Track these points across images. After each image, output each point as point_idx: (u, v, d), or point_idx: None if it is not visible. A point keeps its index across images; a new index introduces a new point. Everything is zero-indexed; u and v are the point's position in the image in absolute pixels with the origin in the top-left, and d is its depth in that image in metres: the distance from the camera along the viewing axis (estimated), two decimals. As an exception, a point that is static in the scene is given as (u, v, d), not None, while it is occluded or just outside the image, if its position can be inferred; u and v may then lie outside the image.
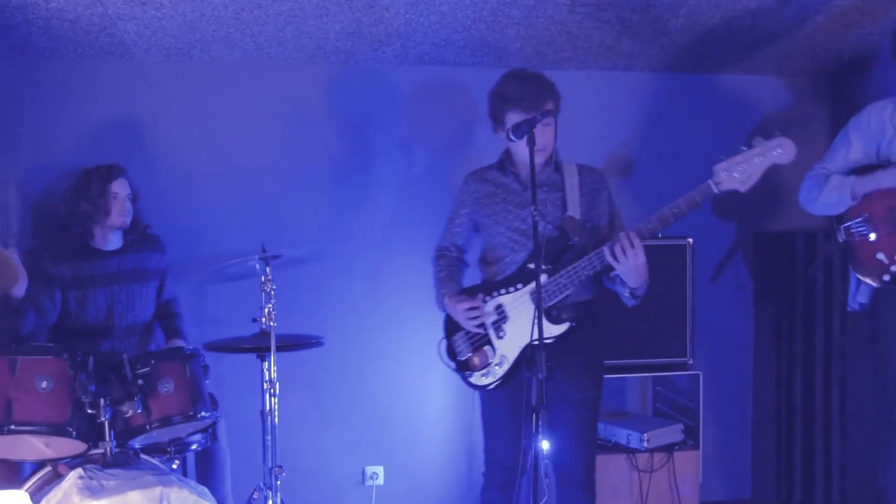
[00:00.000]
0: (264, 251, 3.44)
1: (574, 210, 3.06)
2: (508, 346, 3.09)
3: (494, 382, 3.12)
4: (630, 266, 2.88)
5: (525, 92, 3.00)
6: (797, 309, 4.25)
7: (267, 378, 3.47)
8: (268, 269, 3.46)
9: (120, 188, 3.67)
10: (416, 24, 3.76)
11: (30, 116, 4.01)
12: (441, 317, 3.28)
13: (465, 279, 3.35)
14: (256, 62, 4.16)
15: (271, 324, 3.42)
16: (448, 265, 3.35)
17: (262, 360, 3.52)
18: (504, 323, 3.10)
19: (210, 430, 3.33)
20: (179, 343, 3.74)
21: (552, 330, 3.00)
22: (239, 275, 3.58)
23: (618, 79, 4.45)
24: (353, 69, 4.25)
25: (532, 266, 3.02)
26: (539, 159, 3.03)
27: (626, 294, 3.04)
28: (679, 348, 4.11)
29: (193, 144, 4.15)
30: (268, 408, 3.49)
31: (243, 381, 3.91)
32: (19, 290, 3.31)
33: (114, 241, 3.72)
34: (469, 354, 3.18)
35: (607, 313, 3.22)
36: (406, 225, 4.24)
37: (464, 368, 3.21)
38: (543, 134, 2.98)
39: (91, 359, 2.90)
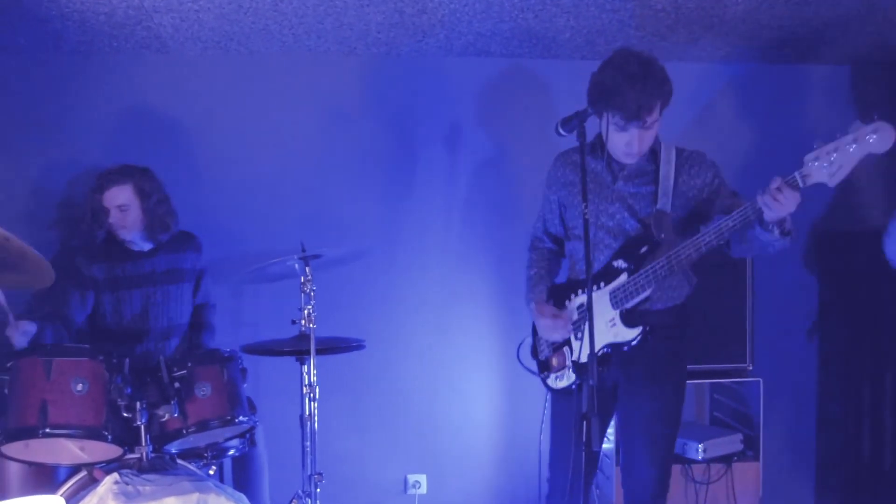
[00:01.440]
0: (304, 251, 3.45)
1: (665, 202, 2.95)
2: (584, 349, 3.04)
3: (569, 385, 3.07)
4: (790, 209, 2.63)
5: (638, 97, 2.81)
6: (864, 314, 4.16)
7: (306, 382, 3.47)
8: (307, 269, 3.47)
9: (110, 201, 3.64)
10: (461, 13, 3.75)
11: (64, 112, 4.08)
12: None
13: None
14: (295, 55, 4.18)
15: (311, 326, 3.43)
16: (539, 260, 3.29)
17: (302, 363, 3.53)
18: (584, 324, 3.01)
19: (248, 435, 3.36)
20: (206, 336, 3.78)
21: (626, 334, 2.93)
22: (278, 275, 3.60)
23: (672, 69, 4.36)
24: (395, 61, 4.25)
25: (617, 264, 2.97)
26: (629, 160, 2.99)
27: (777, 234, 2.73)
28: (738, 353, 4.05)
29: (231, 140, 4.19)
30: (307, 412, 3.49)
31: (282, 384, 3.94)
32: (20, 341, 3.24)
33: (143, 244, 3.75)
34: (549, 354, 3.17)
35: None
36: (451, 223, 4.24)
37: (543, 369, 3.20)
38: (641, 139, 2.89)
39: (127, 361, 2.94)
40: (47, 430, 2.78)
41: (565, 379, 3.09)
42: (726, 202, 2.97)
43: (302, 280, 3.47)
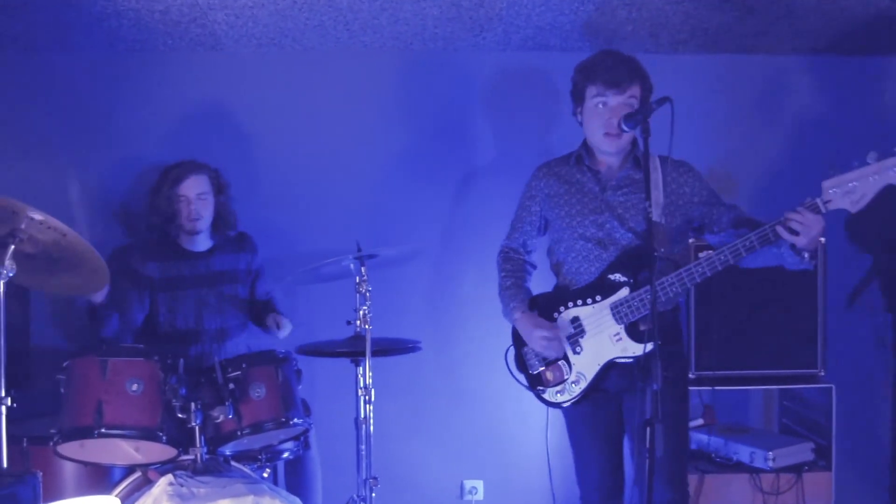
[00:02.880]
0: (359, 250, 3.48)
1: (657, 212, 2.99)
2: (586, 364, 3.08)
3: (571, 400, 3.12)
4: (813, 235, 2.76)
5: (613, 67, 3.01)
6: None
7: (361, 384, 3.50)
8: (363, 269, 3.49)
9: (189, 189, 3.72)
10: (520, 6, 3.75)
11: (119, 110, 4.17)
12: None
13: (534, 283, 3.36)
14: (350, 51, 4.22)
15: (366, 327, 3.45)
16: (515, 270, 3.33)
17: (357, 365, 3.56)
18: (581, 338, 3.08)
19: (302, 437, 3.40)
20: (277, 317, 3.83)
21: (634, 349, 2.98)
22: (333, 275, 3.63)
23: (741, 62, 4.35)
24: (453, 57, 4.28)
25: (614, 277, 3.02)
26: (609, 147, 3.03)
27: (806, 259, 2.87)
28: (809, 358, 3.99)
29: (285, 138, 4.25)
30: (362, 415, 3.52)
31: (337, 386, 3.97)
32: (100, 294, 3.43)
33: (202, 242, 3.83)
34: (541, 369, 3.18)
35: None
36: (508, 222, 4.22)
37: (535, 384, 3.21)
38: (620, 111, 2.96)
39: (182, 361, 3.00)
40: (102, 431, 2.85)
41: (567, 393, 3.12)
42: (726, 214, 3.06)
43: (357, 280, 3.49)
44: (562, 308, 3.12)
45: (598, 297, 3.05)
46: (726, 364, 3.94)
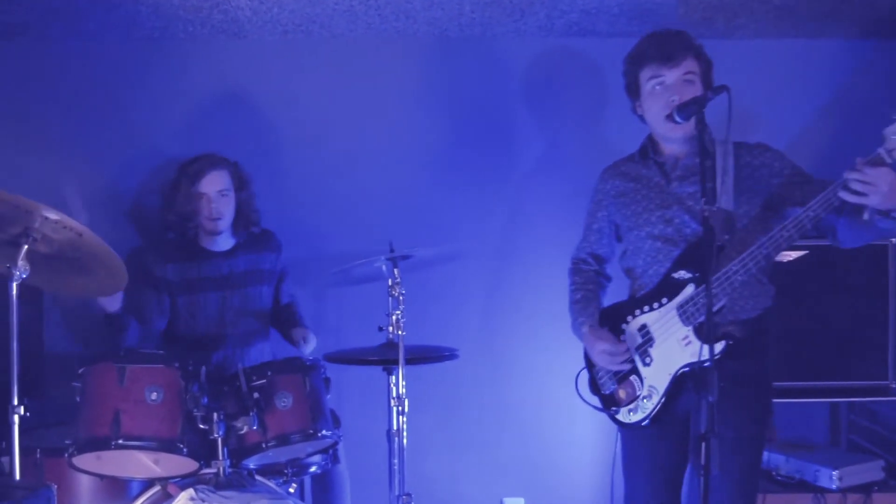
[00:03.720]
0: (392, 251, 3.47)
1: (727, 200, 2.90)
2: (657, 375, 2.98)
3: (645, 419, 3.01)
4: (885, 191, 2.58)
5: (661, 43, 2.96)
6: None
7: (394, 394, 3.48)
8: (396, 270, 3.48)
9: (209, 186, 3.73)
10: (564, -12, 3.74)
11: (135, 101, 4.18)
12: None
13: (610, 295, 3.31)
14: (382, 37, 4.21)
15: (399, 333, 3.43)
16: (585, 283, 3.28)
17: (389, 373, 3.54)
18: (650, 346, 3.00)
19: (331, 450, 3.38)
20: (304, 329, 3.82)
21: (706, 352, 2.90)
22: (364, 277, 3.63)
23: (804, 47, 4.29)
24: (491, 44, 4.25)
25: (678, 275, 2.93)
26: (673, 132, 2.95)
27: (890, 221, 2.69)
28: (878, 369, 3.93)
29: (312, 130, 4.24)
30: (395, 427, 3.51)
31: (368, 396, 3.96)
32: (113, 303, 3.44)
33: (224, 241, 3.84)
34: (614, 388, 3.11)
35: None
36: (555, 221, 4.20)
37: (610, 404, 3.13)
38: (682, 92, 2.90)
39: (203, 369, 3.00)
40: (120, 442, 2.85)
41: (640, 412, 3.03)
42: (801, 192, 2.90)
43: (390, 283, 3.48)
44: (629, 317, 3.06)
45: (664, 300, 2.97)
46: (788, 374, 3.88)
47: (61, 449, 2.94)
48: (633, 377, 3.04)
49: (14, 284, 2.74)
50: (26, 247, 2.78)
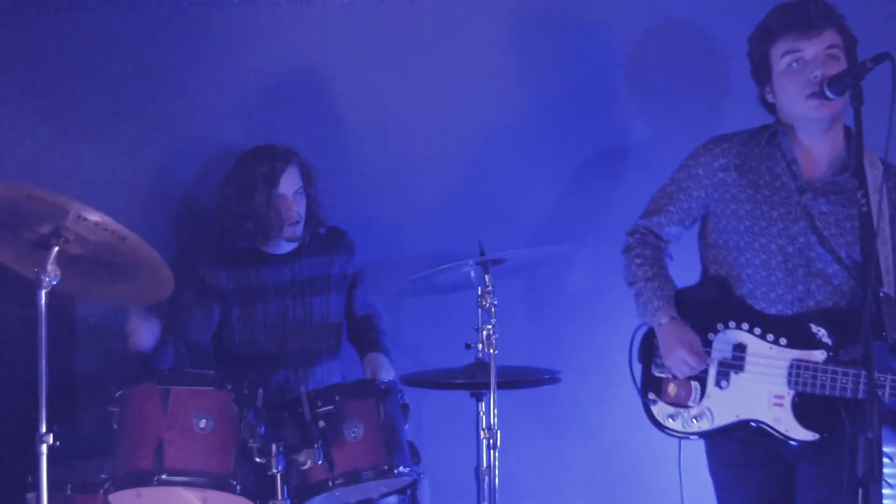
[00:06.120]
0: (482, 254, 3.43)
1: (884, 247, 2.80)
2: (722, 405, 3.00)
3: (681, 434, 3.07)
4: None
5: (798, 11, 2.91)
6: None
7: (484, 424, 3.46)
8: (487, 277, 3.44)
9: (287, 186, 3.74)
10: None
11: (183, 77, 4.20)
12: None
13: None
14: (469, 6, 4.19)
15: (491, 352, 3.39)
16: (656, 259, 3.25)
17: (478, 399, 3.53)
18: (735, 372, 2.99)
19: (409, 490, 3.37)
20: (380, 357, 3.81)
21: (793, 430, 2.87)
22: (448, 285, 3.61)
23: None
24: (592, 5, 4.21)
25: (817, 331, 2.89)
26: (818, 112, 2.88)
27: None
28: None
29: (387, 112, 4.23)
30: (484, 464, 3.47)
31: (452, 427, 3.96)
32: (147, 340, 3.47)
33: (285, 242, 3.84)
34: (667, 375, 3.11)
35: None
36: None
37: (650, 388, 3.15)
38: (822, 65, 2.84)
39: (261, 392, 3.00)
40: (163, 477, 2.87)
41: (681, 423, 3.05)
42: None
43: (479, 292, 3.45)
44: (732, 322, 3.03)
45: (782, 340, 2.94)
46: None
47: (96, 484, 2.98)
48: (694, 383, 3.05)
49: (43, 293, 2.73)
50: (57, 248, 2.77)
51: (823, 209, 2.94)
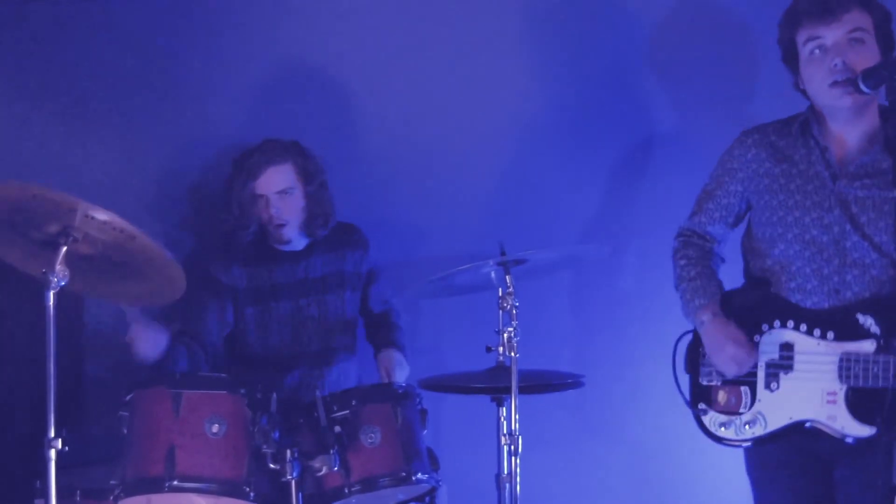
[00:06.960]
0: (503, 254, 3.43)
1: None
2: (774, 408, 2.99)
3: (735, 441, 3.07)
4: None
5: None
6: None
7: (505, 430, 3.46)
8: (508, 278, 3.44)
9: (267, 186, 3.74)
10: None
11: (193, 71, 4.22)
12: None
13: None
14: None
15: (512, 355, 3.39)
16: (701, 259, 3.27)
17: (499, 404, 3.53)
18: (784, 373, 3.00)
19: (427, 498, 3.39)
20: (393, 353, 3.84)
21: (850, 427, 2.86)
22: (468, 286, 3.62)
23: None
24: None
25: (864, 321, 2.89)
26: (839, 101, 2.89)
27: None
28: None
29: (403, 102, 4.24)
30: (505, 471, 3.48)
31: (472, 432, 3.94)
32: (153, 351, 3.50)
33: (296, 240, 3.88)
34: (715, 383, 3.12)
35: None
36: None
37: (700, 399, 3.16)
38: (844, 50, 2.85)
39: (274, 396, 3.02)
40: (174, 484, 2.90)
41: (734, 431, 3.05)
42: None
43: (500, 293, 3.45)
44: (777, 322, 3.04)
45: (830, 334, 2.94)
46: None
47: (105, 490, 3.00)
48: (744, 388, 3.06)
49: (51, 294, 2.75)
50: (65, 248, 2.80)
51: (860, 194, 2.94)
